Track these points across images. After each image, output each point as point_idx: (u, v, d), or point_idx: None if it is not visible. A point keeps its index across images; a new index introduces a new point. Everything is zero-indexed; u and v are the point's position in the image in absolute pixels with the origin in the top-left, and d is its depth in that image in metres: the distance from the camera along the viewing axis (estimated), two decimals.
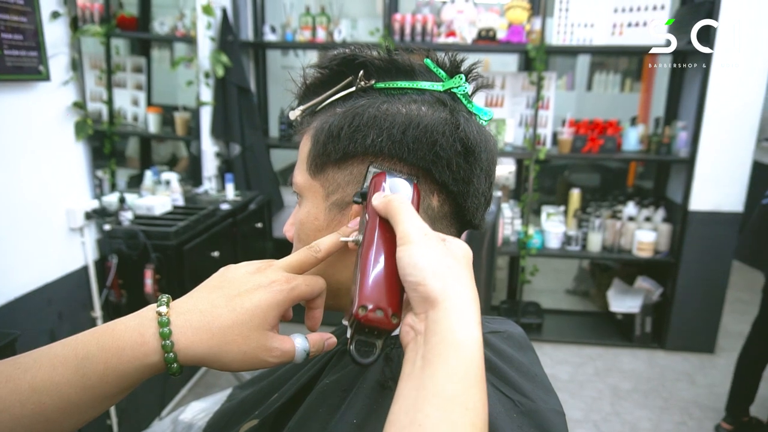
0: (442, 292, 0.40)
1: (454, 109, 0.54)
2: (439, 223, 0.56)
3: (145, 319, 0.46)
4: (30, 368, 0.43)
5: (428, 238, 0.43)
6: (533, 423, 0.56)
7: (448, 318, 0.39)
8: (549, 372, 2.87)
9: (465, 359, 0.38)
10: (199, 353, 0.45)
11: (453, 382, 0.37)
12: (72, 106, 1.94)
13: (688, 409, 2.64)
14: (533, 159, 2.97)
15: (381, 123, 0.52)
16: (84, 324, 2.06)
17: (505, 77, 3.19)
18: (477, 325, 0.40)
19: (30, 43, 1.68)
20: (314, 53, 4.28)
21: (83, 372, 0.43)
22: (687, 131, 2.92)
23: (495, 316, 0.74)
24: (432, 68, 0.56)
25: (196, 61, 2.74)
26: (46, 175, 1.86)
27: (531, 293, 3.72)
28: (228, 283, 0.48)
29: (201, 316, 0.46)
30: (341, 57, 0.57)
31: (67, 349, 0.44)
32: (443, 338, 0.39)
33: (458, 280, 0.41)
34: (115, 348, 0.44)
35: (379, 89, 0.56)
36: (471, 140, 0.54)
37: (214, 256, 2.32)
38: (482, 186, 0.57)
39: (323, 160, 0.55)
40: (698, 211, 2.91)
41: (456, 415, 0.36)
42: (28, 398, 0.42)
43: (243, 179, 3.02)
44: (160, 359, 0.45)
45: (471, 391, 0.37)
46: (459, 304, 0.40)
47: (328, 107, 0.57)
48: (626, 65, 5.29)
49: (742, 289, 3.90)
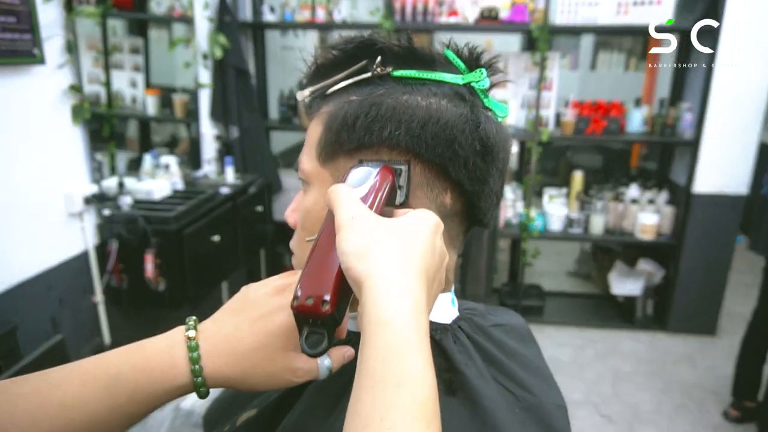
0: (365, 272, 0.39)
1: (474, 105, 0.52)
2: (449, 220, 0.54)
3: (174, 342, 0.47)
4: (61, 384, 0.44)
5: (355, 220, 0.41)
6: (535, 418, 0.56)
7: (372, 297, 0.38)
8: (550, 354, 2.89)
9: (392, 336, 0.36)
10: (226, 376, 0.46)
11: (382, 362, 0.36)
12: (68, 89, 1.92)
13: (689, 391, 2.65)
14: (536, 141, 2.94)
15: (400, 115, 0.50)
16: (86, 309, 2.07)
17: (507, 57, 3.14)
18: (404, 295, 0.38)
19: (23, 25, 1.65)
20: (314, 33, 4.22)
21: (113, 390, 0.44)
22: (692, 113, 2.88)
23: (497, 306, 0.73)
24: (452, 59, 0.54)
25: (194, 43, 2.70)
26: (43, 160, 1.84)
27: (532, 275, 3.72)
28: (250, 306, 0.49)
29: (226, 340, 0.47)
30: (358, 41, 0.54)
31: (97, 366, 0.45)
32: (369, 319, 0.37)
33: (383, 254, 0.39)
34: (145, 368, 0.45)
35: (395, 77, 0.53)
36: (490, 140, 0.52)
37: (214, 241, 2.31)
38: (496, 185, 0.55)
39: (335, 148, 0.52)
40: (702, 194, 2.88)
41: (389, 397, 0.35)
42: (58, 414, 0.43)
43: (242, 162, 3.00)
44: (189, 382, 0.46)
45: (401, 366, 0.35)
46: (382, 281, 0.38)
47: (341, 92, 0.54)
48: (631, 44, 5.22)
49: (744, 271, 3.89)
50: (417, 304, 0.38)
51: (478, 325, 0.60)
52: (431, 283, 0.42)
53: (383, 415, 0.34)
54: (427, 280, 0.41)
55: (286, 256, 3.65)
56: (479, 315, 0.63)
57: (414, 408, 0.35)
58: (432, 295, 0.43)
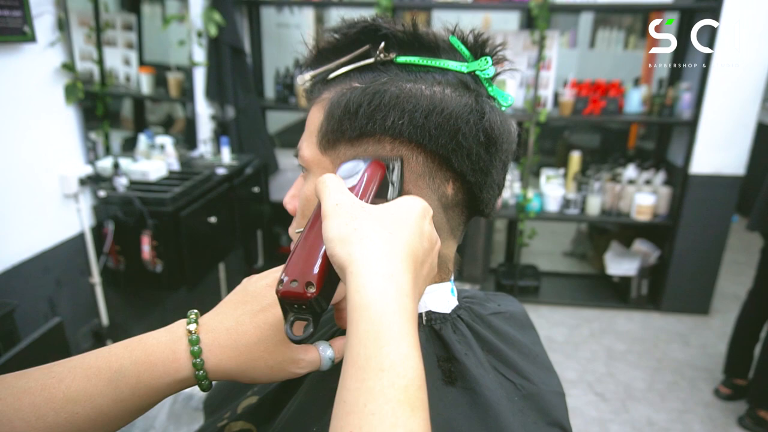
0: (347, 258, 0.38)
1: (479, 95, 0.51)
2: (451, 211, 0.54)
3: (175, 336, 0.47)
4: (65, 378, 0.44)
5: (340, 207, 0.41)
6: (534, 406, 0.56)
7: (355, 282, 0.37)
8: (545, 334, 2.92)
9: (373, 319, 0.36)
10: (228, 369, 0.47)
11: (365, 347, 0.35)
12: (61, 67, 1.88)
13: (681, 369, 2.69)
14: (533, 121, 2.93)
15: (403, 104, 0.49)
16: (83, 290, 2.07)
17: (506, 36, 3.10)
18: (386, 279, 0.37)
19: (13, 2, 1.61)
20: (310, 10, 4.15)
21: (116, 384, 0.45)
22: (691, 92, 2.86)
23: (496, 292, 0.73)
24: (456, 46, 0.52)
25: (188, 20, 2.65)
26: (37, 141, 1.82)
27: (528, 255, 3.74)
28: (251, 298, 0.49)
29: (227, 333, 0.47)
30: (362, 25, 0.53)
31: (100, 360, 0.46)
32: (352, 305, 0.37)
33: (367, 238, 0.39)
34: (147, 363, 0.45)
35: (398, 64, 0.52)
36: (495, 131, 0.51)
37: (211, 222, 2.30)
38: (499, 176, 0.55)
39: (336, 136, 0.52)
40: (699, 174, 2.89)
41: (371, 381, 0.34)
42: (62, 407, 0.43)
43: (238, 142, 2.98)
44: (190, 375, 0.46)
45: (382, 351, 0.35)
46: (364, 265, 0.38)
47: (343, 78, 0.53)
48: (630, 21, 5.15)
49: (738, 250, 3.93)
50: (400, 288, 0.38)
51: (477, 314, 0.61)
52: (419, 267, 0.42)
53: (366, 401, 0.34)
54: (413, 264, 0.40)
55: (283, 236, 3.65)
56: (478, 303, 0.63)
57: (397, 393, 0.34)
58: (422, 279, 0.43)
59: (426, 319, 0.56)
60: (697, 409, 2.41)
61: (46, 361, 0.46)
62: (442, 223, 0.54)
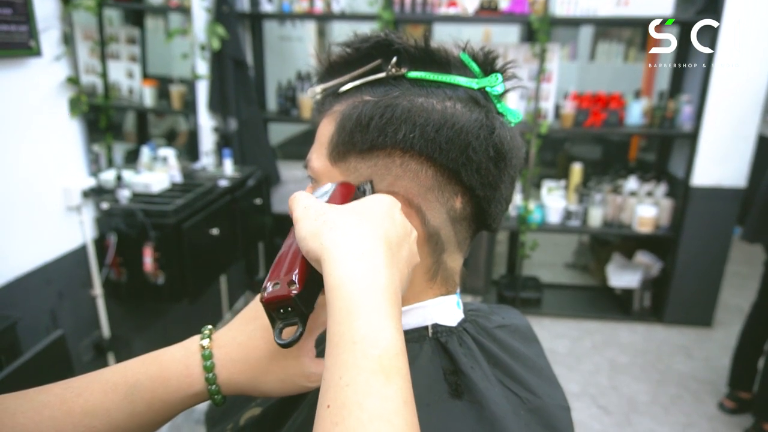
0: (319, 248, 0.40)
1: (489, 110, 0.52)
2: (459, 224, 0.55)
3: (189, 351, 0.48)
4: (83, 392, 0.45)
5: (308, 209, 0.44)
6: (540, 420, 0.56)
7: (328, 267, 0.39)
8: (548, 346, 2.91)
9: (344, 297, 0.37)
10: (240, 383, 0.48)
11: (339, 324, 0.37)
12: (66, 81, 1.90)
13: (685, 382, 2.67)
14: (535, 133, 2.94)
15: (415, 118, 0.49)
16: (85, 302, 2.06)
17: (507, 49, 3.12)
18: (357, 258, 0.39)
19: (19, 17, 1.63)
20: (312, 24, 4.19)
21: (132, 399, 0.46)
22: (692, 105, 2.88)
23: (500, 305, 0.73)
24: (467, 63, 0.53)
25: (191, 33, 2.68)
26: (41, 153, 1.83)
27: (530, 267, 3.73)
28: (263, 314, 0.50)
29: (240, 349, 0.48)
30: (374, 40, 0.53)
31: (117, 375, 0.47)
32: (327, 288, 0.38)
33: (337, 228, 0.41)
34: (162, 378, 0.47)
35: (410, 79, 0.52)
36: (504, 146, 0.52)
37: (213, 234, 2.31)
38: (507, 191, 0.55)
39: (347, 148, 0.52)
40: (700, 187, 2.89)
41: (345, 354, 0.35)
42: (80, 421, 0.45)
43: (240, 154, 2.99)
44: (203, 390, 0.47)
45: (354, 325, 0.36)
46: (333, 250, 0.39)
47: (354, 91, 0.54)
48: (630, 34, 5.19)
49: (740, 263, 3.91)
50: (372, 265, 0.39)
51: (482, 327, 0.60)
52: (395, 249, 0.43)
53: (341, 374, 0.35)
54: (386, 244, 0.41)
55: None
56: (483, 316, 0.63)
57: (370, 363, 0.35)
58: (403, 262, 0.43)
59: (432, 332, 0.56)
60: (701, 423, 2.39)
61: (48, 374, 0.47)
62: (449, 236, 0.54)
